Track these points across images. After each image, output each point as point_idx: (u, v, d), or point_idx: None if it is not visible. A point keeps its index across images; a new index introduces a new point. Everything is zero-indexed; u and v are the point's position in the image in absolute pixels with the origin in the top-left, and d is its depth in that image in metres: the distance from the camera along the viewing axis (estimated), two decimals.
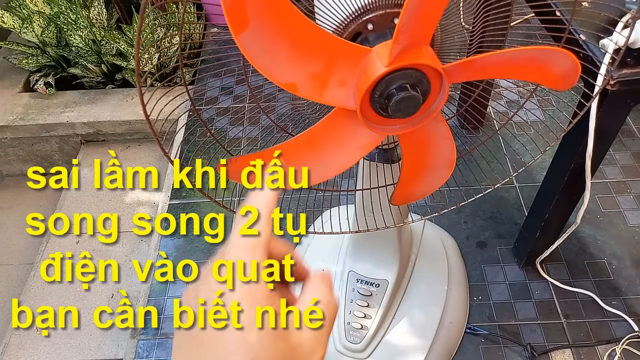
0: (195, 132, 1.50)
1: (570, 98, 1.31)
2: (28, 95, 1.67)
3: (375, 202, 0.76)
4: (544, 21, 0.73)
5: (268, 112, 0.63)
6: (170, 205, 1.35)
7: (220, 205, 0.65)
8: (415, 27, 0.40)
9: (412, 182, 0.64)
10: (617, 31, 0.62)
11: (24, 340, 1.22)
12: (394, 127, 0.49)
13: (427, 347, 0.94)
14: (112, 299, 1.28)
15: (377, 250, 0.94)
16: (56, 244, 1.40)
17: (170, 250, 1.26)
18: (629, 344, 1.01)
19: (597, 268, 1.14)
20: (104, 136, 1.64)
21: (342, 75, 0.44)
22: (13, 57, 1.65)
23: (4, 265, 1.48)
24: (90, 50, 1.58)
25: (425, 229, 1.09)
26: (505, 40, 0.59)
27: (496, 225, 1.23)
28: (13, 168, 1.72)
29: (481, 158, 0.76)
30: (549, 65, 0.48)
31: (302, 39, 0.41)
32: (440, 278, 1.04)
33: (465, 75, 0.47)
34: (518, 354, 1.02)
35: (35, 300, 1.29)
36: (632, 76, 0.65)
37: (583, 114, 0.64)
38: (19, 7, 1.56)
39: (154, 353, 1.08)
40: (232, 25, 0.38)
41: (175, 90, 0.58)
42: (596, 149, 0.75)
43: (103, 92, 1.67)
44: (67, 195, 1.52)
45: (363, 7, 0.46)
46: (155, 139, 0.53)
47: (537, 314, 1.08)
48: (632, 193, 1.28)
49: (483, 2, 0.53)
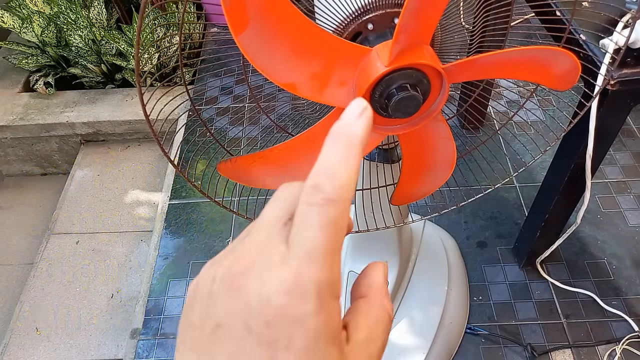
0: (195, 132, 1.50)
1: (570, 98, 1.32)
2: (28, 95, 1.67)
3: (375, 202, 0.76)
4: (544, 21, 0.73)
5: (268, 112, 0.62)
6: (170, 205, 1.35)
7: (220, 205, 0.65)
8: (415, 27, 0.40)
9: (412, 182, 0.64)
10: (617, 31, 0.62)
11: (24, 340, 1.22)
12: (394, 127, 0.49)
13: (427, 347, 0.94)
14: (112, 299, 1.28)
15: (377, 251, 0.94)
16: (56, 244, 1.40)
17: (170, 250, 1.26)
18: (629, 344, 1.01)
19: (597, 268, 1.14)
20: (104, 136, 1.64)
21: (342, 75, 0.44)
22: (13, 57, 1.65)
23: (4, 265, 1.48)
24: (90, 50, 1.58)
25: (425, 229, 1.09)
26: (505, 40, 0.59)
27: (496, 225, 1.23)
28: (13, 168, 1.72)
29: (481, 158, 0.76)
30: (549, 65, 0.48)
31: (302, 39, 0.41)
32: (440, 278, 1.04)
33: (466, 75, 0.47)
34: (518, 354, 1.02)
35: (35, 300, 1.29)
36: (632, 76, 0.65)
37: (583, 114, 0.64)
38: (19, 7, 1.56)
39: (153, 353, 1.08)
40: (232, 25, 0.38)
41: (175, 90, 0.58)
42: (596, 149, 0.75)
43: (103, 92, 1.67)
44: (67, 195, 1.52)
45: (363, 7, 0.46)
46: (155, 139, 0.53)
47: (537, 314, 1.08)
48: (632, 193, 1.28)
49: (483, 2, 0.52)
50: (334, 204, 0.20)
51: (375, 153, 0.71)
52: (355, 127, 0.22)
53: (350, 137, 0.22)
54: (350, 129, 0.22)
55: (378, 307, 0.23)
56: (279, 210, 0.22)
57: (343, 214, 0.21)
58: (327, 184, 0.21)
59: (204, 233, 1.28)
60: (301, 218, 0.21)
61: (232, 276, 0.20)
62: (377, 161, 0.71)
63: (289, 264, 0.20)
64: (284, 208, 0.22)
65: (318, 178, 0.21)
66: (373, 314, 0.23)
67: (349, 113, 0.22)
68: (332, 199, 0.20)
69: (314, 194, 0.21)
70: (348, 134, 0.22)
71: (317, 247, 0.20)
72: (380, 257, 0.95)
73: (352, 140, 0.22)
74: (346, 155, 0.21)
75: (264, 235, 0.21)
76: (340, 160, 0.21)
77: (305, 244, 0.20)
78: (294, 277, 0.19)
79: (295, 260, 0.20)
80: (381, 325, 0.23)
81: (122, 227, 1.43)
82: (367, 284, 0.24)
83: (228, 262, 0.21)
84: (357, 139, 0.22)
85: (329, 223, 0.20)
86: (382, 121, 0.47)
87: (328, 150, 0.22)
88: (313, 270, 0.19)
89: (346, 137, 0.22)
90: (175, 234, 1.29)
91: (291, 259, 0.20)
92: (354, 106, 0.23)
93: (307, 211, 0.20)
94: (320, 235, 0.20)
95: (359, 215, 0.80)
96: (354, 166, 0.21)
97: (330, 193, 0.20)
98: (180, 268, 1.22)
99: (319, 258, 0.20)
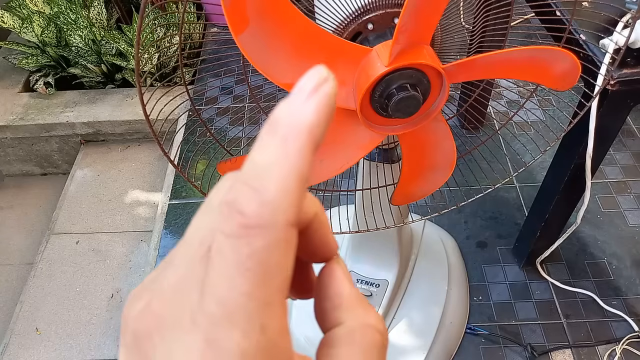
0: (195, 132, 1.50)
1: (570, 98, 1.32)
2: (28, 95, 1.67)
3: (375, 202, 0.76)
4: (544, 21, 0.73)
5: (268, 112, 0.62)
6: (170, 205, 1.35)
7: None
8: (415, 27, 0.40)
9: (413, 182, 0.64)
10: (617, 31, 0.62)
11: (24, 340, 1.22)
12: (394, 127, 0.49)
13: (427, 347, 0.94)
14: (112, 299, 1.28)
15: (377, 251, 0.94)
16: (56, 244, 1.40)
17: (170, 250, 1.26)
18: (629, 344, 1.01)
19: (597, 268, 1.14)
20: (104, 136, 1.64)
21: (342, 75, 0.44)
22: (13, 57, 1.66)
23: (4, 265, 1.48)
24: (90, 50, 1.58)
25: (426, 229, 1.09)
26: (505, 40, 0.59)
27: (496, 225, 1.23)
28: (13, 168, 1.72)
29: (481, 158, 0.76)
30: (549, 65, 0.48)
31: (302, 39, 0.41)
32: (440, 278, 1.04)
33: (466, 75, 0.47)
34: (518, 354, 1.02)
35: (35, 300, 1.29)
36: (632, 76, 0.65)
37: (583, 114, 0.64)
38: (19, 7, 1.56)
39: None
40: (232, 25, 0.38)
41: (175, 90, 0.58)
42: (596, 149, 0.75)
43: (103, 92, 1.67)
44: (67, 195, 1.52)
45: (363, 7, 0.46)
46: (155, 139, 0.53)
47: (537, 314, 1.08)
48: (632, 193, 1.28)
49: (483, 2, 0.52)
50: (258, 234, 0.13)
51: (375, 153, 0.71)
52: (304, 111, 0.14)
53: (294, 127, 0.14)
54: (296, 115, 0.14)
55: (361, 332, 0.17)
56: (205, 226, 0.15)
57: (275, 247, 0.14)
58: (249, 202, 0.14)
59: None
60: (215, 252, 0.14)
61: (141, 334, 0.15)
62: (377, 161, 0.71)
63: (199, 328, 0.13)
64: (212, 221, 0.15)
65: (238, 190, 0.14)
66: (357, 344, 0.16)
67: (297, 89, 0.15)
68: (254, 226, 0.13)
69: (231, 217, 0.14)
70: (290, 123, 0.14)
71: (237, 300, 0.13)
72: (380, 257, 0.95)
73: (295, 132, 0.14)
74: (284, 155, 0.14)
75: (181, 270, 0.15)
76: (274, 164, 0.14)
77: (221, 298, 0.13)
78: (205, 349, 0.13)
79: (206, 321, 0.13)
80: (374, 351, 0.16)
81: (122, 227, 1.43)
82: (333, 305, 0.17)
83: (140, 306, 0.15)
84: (305, 129, 0.14)
85: (253, 262, 0.13)
86: (382, 121, 0.47)
87: (259, 148, 0.15)
88: (233, 338, 0.13)
89: (287, 128, 0.14)
90: (175, 234, 1.29)
91: (202, 320, 0.13)
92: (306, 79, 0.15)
93: (222, 244, 0.14)
94: (240, 284, 0.13)
95: (359, 215, 0.80)
96: (295, 171, 0.14)
97: (253, 216, 0.13)
98: None
99: (240, 318, 0.13)
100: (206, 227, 0.15)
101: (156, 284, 0.16)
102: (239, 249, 0.13)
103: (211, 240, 0.14)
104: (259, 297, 0.13)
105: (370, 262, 0.95)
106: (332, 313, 0.17)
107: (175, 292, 0.15)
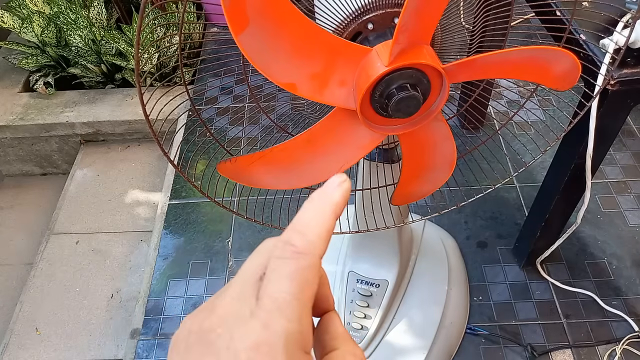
0: (195, 132, 1.50)
1: (570, 98, 1.32)
2: (28, 95, 1.67)
3: (375, 202, 0.76)
4: (544, 21, 0.73)
5: (268, 112, 0.62)
6: (170, 205, 1.35)
7: (220, 205, 0.65)
8: (415, 27, 0.40)
9: (413, 182, 0.64)
10: (617, 31, 0.62)
11: (24, 340, 1.22)
12: (394, 127, 0.49)
13: (427, 348, 0.94)
14: (112, 299, 1.28)
15: (377, 251, 0.94)
16: (56, 244, 1.40)
17: (170, 250, 1.26)
18: (629, 344, 1.01)
19: (597, 268, 1.14)
20: (104, 136, 1.64)
21: (342, 75, 0.43)
22: (13, 57, 1.65)
23: (4, 265, 1.48)
24: (90, 50, 1.58)
25: (426, 229, 1.09)
26: (505, 40, 0.59)
27: (496, 225, 1.23)
28: (13, 168, 1.72)
29: (481, 158, 0.76)
30: (550, 65, 0.48)
31: (302, 39, 0.41)
32: (440, 278, 1.04)
33: (466, 75, 0.47)
34: (518, 354, 1.02)
35: (35, 300, 1.29)
36: (633, 76, 0.65)
37: (583, 114, 0.64)
38: (18, 7, 1.56)
39: (153, 353, 1.08)
40: (232, 25, 0.38)
41: (175, 90, 0.58)
42: (596, 149, 0.75)
43: (103, 92, 1.67)
44: (67, 195, 1.52)
45: (363, 7, 0.46)
46: (155, 139, 0.53)
47: (538, 314, 1.08)
48: (632, 193, 1.28)
49: (483, 2, 0.52)
50: (303, 257, 0.21)
51: (375, 153, 0.71)
52: (332, 193, 0.24)
53: (325, 200, 0.23)
54: (327, 194, 0.24)
55: (351, 356, 0.24)
56: (255, 265, 0.23)
57: (312, 268, 0.21)
58: (298, 239, 0.22)
59: (203, 233, 1.28)
60: (271, 270, 0.21)
61: (205, 330, 0.21)
62: (377, 161, 0.71)
63: (257, 317, 0.20)
64: (260, 263, 0.23)
65: (290, 234, 0.22)
66: None
67: (328, 182, 0.24)
68: (301, 252, 0.21)
69: (285, 248, 0.22)
70: (324, 198, 0.24)
71: (286, 298, 0.20)
72: (381, 257, 0.94)
73: (326, 203, 0.23)
74: (319, 215, 0.23)
75: (238, 290, 0.22)
76: (312, 219, 0.23)
77: (274, 296, 0.20)
78: (262, 331, 0.20)
79: (263, 312, 0.20)
80: None
81: (122, 227, 1.43)
82: (331, 337, 0.25)
83: (203, 316, 0.21)
84: (332, 202, 0.23)
85: (299, 275, 0.21)
86: (382, 121, 0.47)
87: (303, 211, 0.23)
88: (282, 322, 0.20)
89: (321, 201, 0.23)
90: (175, 234, 1.29)
91: (260, 312, 0.20)
92: (334, 178, 0.25)
93: (277, 263, 0.21)
94: (289, 287, 0.20)
95: (359, 215, 0.80)
96: (325, 226, 0.23)
97: (301, 247, 0.22)
98: (180, 268, 1.22)
99: (287, 310, 0.20)
100: (258, 264, 0.22)
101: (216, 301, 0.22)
102: (290, 266, 0.21)
103: (264, 268, 0.22)
104: (300, 298, 0.21)
105: (370, 262, 0.95)
106: (330, 342, 0.24)
107: (234, 302, 0.21)
